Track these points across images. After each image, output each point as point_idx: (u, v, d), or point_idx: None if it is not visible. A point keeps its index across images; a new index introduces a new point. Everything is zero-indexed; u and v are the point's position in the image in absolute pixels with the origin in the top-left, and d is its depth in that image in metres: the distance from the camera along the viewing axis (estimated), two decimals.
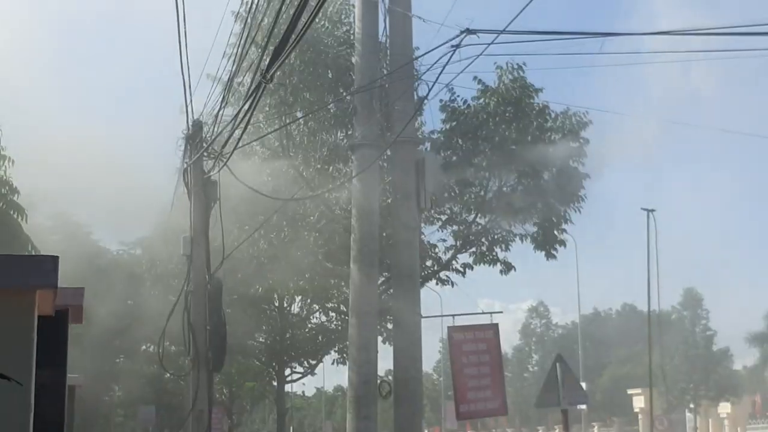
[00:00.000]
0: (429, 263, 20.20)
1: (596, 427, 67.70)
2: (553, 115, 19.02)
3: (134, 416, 45.88)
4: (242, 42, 13.47)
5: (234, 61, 14.05)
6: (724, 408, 59.25)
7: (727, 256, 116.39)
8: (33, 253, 18.23)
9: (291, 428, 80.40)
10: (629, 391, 63.33)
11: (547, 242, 19.02)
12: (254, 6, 13.20)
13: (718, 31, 12.53)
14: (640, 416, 62.29)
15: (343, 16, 18.81)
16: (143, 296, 36.78)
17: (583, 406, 46.32)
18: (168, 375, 35.50)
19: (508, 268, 19.49)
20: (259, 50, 12.02)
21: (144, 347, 42.50)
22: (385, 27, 15.42)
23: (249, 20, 13.60)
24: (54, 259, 5.26)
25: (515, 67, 18.81)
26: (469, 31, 12.43)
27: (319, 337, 38.23)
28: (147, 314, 37.21)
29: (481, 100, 18.92)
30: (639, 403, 61.68)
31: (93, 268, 36.89)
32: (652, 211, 32.18)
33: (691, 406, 57.72)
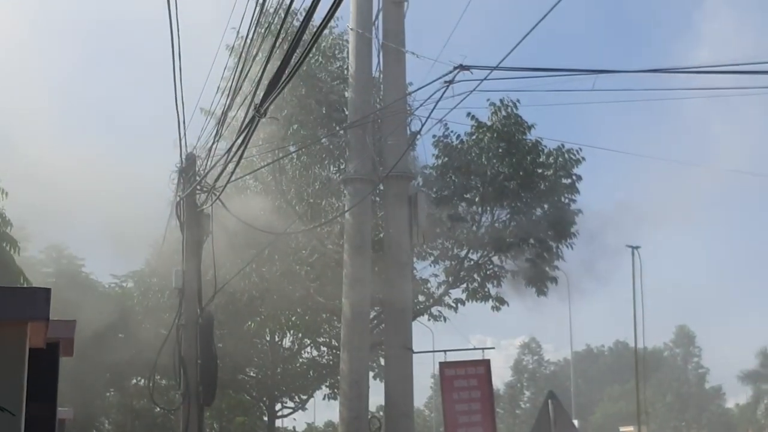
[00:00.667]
0: (421, 298, 20.20)
1: None
2: (545, 151, 19.11)
3: None
4: (236, 76, 13.55)
5: (228, 95, 14.13)
6: None
7: (719, 294, 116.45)
8: (25, 285, 18.20)
9: None
10: (621, 429, 63.05)
11: (539, 278, 19.04)
12: (249, 40, 13.29)
13: (707, 69, 12.64)
14: None
15: (336, 52, 18.94)
16: (134, 329, 36.67)
17: None
18: (158, 409, 35.30)
19: (500, 303, 19.49)
20: (253, 85, 12.10)
21: (135, 381, 42.28)
22: (378, 62, 15.53)
23: (244, 54, 13.69)
24: (46, 291, 5.27)
25: (509, 103, 18.96)
26: (462, 67, 12.53)
27: (311, 372, 38.07)
28: (138, 347, 37.09)
29: (474, 136, 19.02)
30: None
31: (85, 301, 36.80)
32: (637, 248, 32.76)
33: None
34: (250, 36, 12.91)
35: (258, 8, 11.37)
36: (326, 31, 18.88)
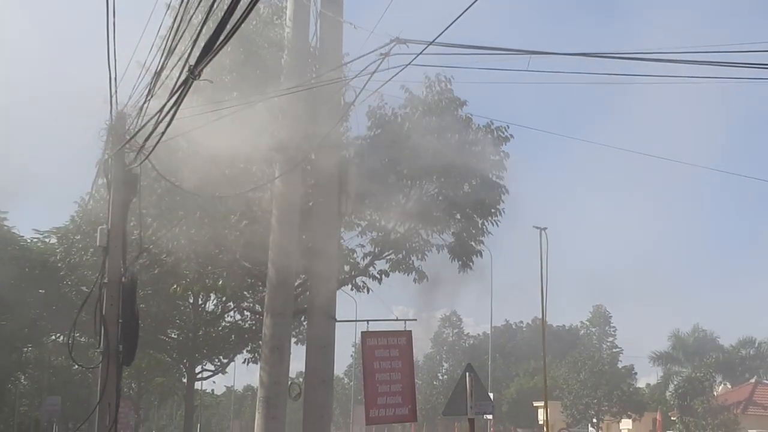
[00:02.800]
0: (346, 268, 20.33)
1: None
2: (475, 128, 19.34)
3: (39, 406, 45.08)
4: (172, 35, 13.44)
5: (163, 53, 14.00)
6: (626, 424, 60.58)
7: (638, 277, 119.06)
8: None
9: (198, 426, 79.64)
10: (535, 404, 64.34)
11: (464, 253, 19.31)
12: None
13: (637, 56, 12.93)
14: (544, 428, 63.35)
15: (275, 18, 18.85)
16: (55, 285, 36.20)
17: (490, 416, 46.99)
18: (76, 366, 35.03)
19: (421, 277, 19.73)
20: (188, 45, 12.03)
21: (54, 337, 41.80)
22: (315, 30, 15.55)
23: (181, 12, 13.57)
24: None
25: (443, 79, 19.12)
26: (398, 40, 12.63)
27: (232, 336, 38.09)
28: (58, 304, 36.64)
29: (407, 109, 19.15)
30: (543, 415, 62.74)
31: (5, 254, 36.20)
32: (545, 229, 35.30)
33: (594, 421, 58.89)
34: None
35: None
36: None
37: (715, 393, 56.77)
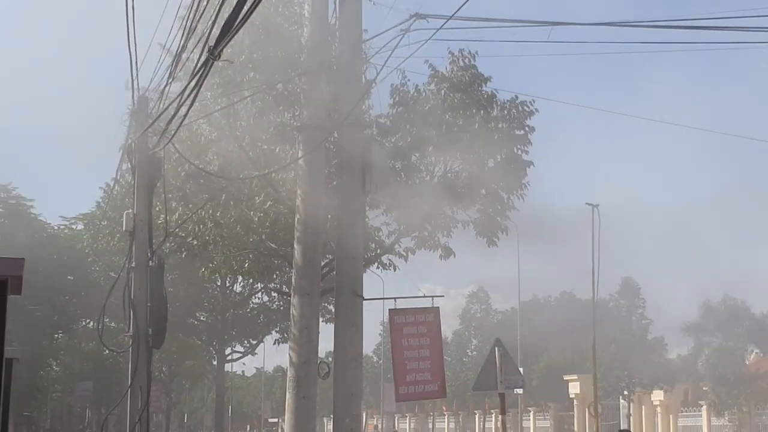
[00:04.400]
0: (372, 246, 20.29)
1: (532, 412, 68.56)
2: (500, 103, 19.18)
3: (72, 392, 45.50)
4: (191, 15, 13.38)
5: (183, 34, 13.96)
6: (657, 396, 60.32)
7: (667, 247, 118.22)
8: None
9: (230, 407, 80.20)
10: (565, 377, 64.20)
11: (490, 229, 19.20)
12: None
13: (666, 24, 12.75)
14: (575, 402, 63.20)
15: None
16: (84, 271, 36.45)
17: (520, 391, 46.96)
18: (107, 351, 35.30)
19: (447, 253, 19.64)
20: (208, 25, 11.98)
21: (83, 323, 42.13)
22: (335, 8, 15.43)
23: None
24: None
25: (466, 54, 18.95)
26: (418, 16, 12.53)
27: (261, 317, 38.27)
28: (87, 290, 36.89)
29: (431, 86, 19.02)
30: (574, 389, 62.57)
31: (34, 242, 36.44)
32: (597, 206, 33.79)
33: (625, 393, 58.70)
34: None
35: None
36: None
37: (747, 362, 56.33)
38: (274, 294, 34.24)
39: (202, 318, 38.60)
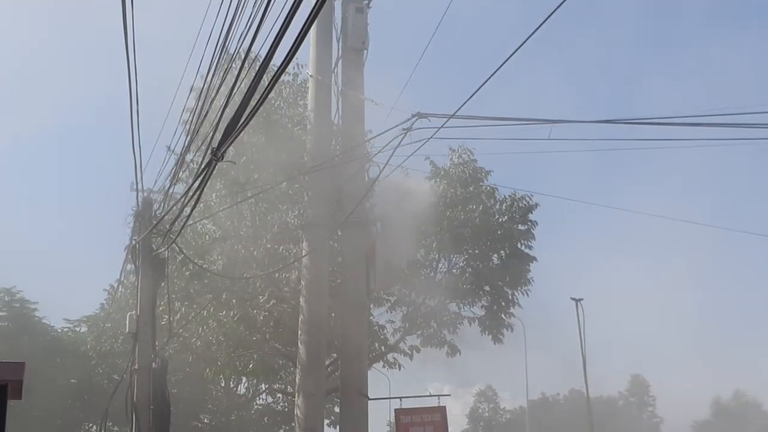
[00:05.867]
0: (377, 345, 20.11)
1: None
2: (501, 198, 19.26)
3: None
4: (195, 118, 13.55)
5: (186, 136, 14.11)
6: None
7: (675, 344, 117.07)
8: None
9: None
10: None
11: (495, 325, 19.05)
12: (210, 81, 13.29)
13: (664, 121, 12.86)
14: None
15: (298, 98, 19.01)
16: (87, 374, 36.15)
17: None
18: None
19: (453, 351, 19.45)
20: (211, 127, 12.12)
21: (86, 427, 41.55)
22: (337, 109, 15.63)
23: (204, 96, 13.71)
24: None
25: (466, 150, 19.14)
26: (420, 115, 12.66)
27: (265, 419, 37.72)
28: (90, 393, 36.54)
29: (432, 182, 19.14)
30: None
31: (37, 345, 36.24)
32: (580, 300, 34.58)
33: None
34: (210, 80, 12.93)
35: (219, 52, 11.39)
36: (288, 78, 18.97)
37: None
38: (278, 395, 33.85)
39: (205, 420, 38.07)
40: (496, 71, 8.24)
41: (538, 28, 7.08)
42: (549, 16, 6.92)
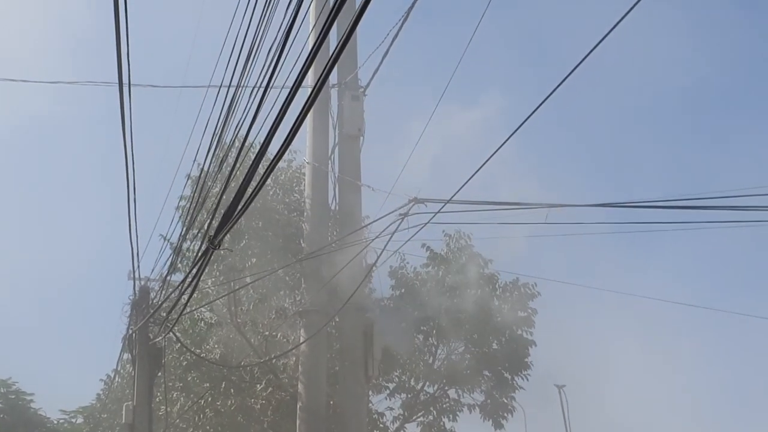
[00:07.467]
0: None
1: None
2: (501, 283, 19.20)
3: None
4: (191, 207, 13.59)
5: (183, 225, 14.14)
6: None
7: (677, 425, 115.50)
8: None
9: None
10: None
11: (495, 411, 18.83)
12: (206, 170, 13.36)
13: (662, 204, 12.91)
14: None
15: (294, 184, 19.13)
16: None
17: None
18: None
19: None
20: (208, 216, 12.15)
21: None
22: (334, 195, 15.69)
23: (200, 185, 13.77)
24: None
25: (463, 235, 19.16)
26: (416, 200, 12.71)
27: None
28: None
29: (430, 268, 19.12)
30: None
31: None
32: (563, 386, 34.83)
33: None
34: (206, 168, 13.01)
35: (215, 140, 11.49)
36: (284, 165, 19.11)
37: None
38: None
39: None
40: (492, 155, 8.28)
41: (534, 112, 7.13)
42: (545, 100, 6.96)
